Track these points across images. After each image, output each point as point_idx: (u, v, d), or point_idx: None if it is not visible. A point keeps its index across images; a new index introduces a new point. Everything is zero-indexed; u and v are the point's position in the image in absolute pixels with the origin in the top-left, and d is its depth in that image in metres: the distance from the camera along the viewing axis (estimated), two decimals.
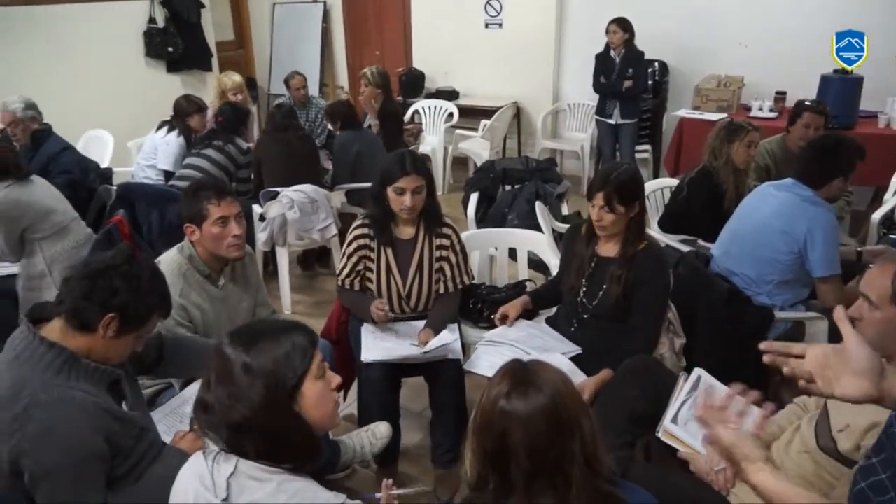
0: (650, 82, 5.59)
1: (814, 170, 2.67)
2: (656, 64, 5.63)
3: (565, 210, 3.88)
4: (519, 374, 1.20)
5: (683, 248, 3.20)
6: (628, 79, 5.14)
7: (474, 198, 3.90)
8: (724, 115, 4.94)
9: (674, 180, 3.87)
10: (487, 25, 6.43)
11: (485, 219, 3.84)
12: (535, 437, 1.14)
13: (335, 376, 1.34)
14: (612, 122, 5.37)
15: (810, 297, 2.76)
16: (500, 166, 4.00)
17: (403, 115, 5.37)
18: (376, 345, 2.44)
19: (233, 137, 4.04)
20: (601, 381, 2.20)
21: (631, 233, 2.35)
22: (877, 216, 3.54)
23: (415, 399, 2.95)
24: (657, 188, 3.86)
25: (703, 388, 1.99)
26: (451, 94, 6.46)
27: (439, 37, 6.66)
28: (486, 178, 3.97)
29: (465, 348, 2.62)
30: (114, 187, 3.78)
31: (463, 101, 6.42)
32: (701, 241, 3.31)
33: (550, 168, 4.05)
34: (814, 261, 2.59)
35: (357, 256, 2.59)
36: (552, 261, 2.96)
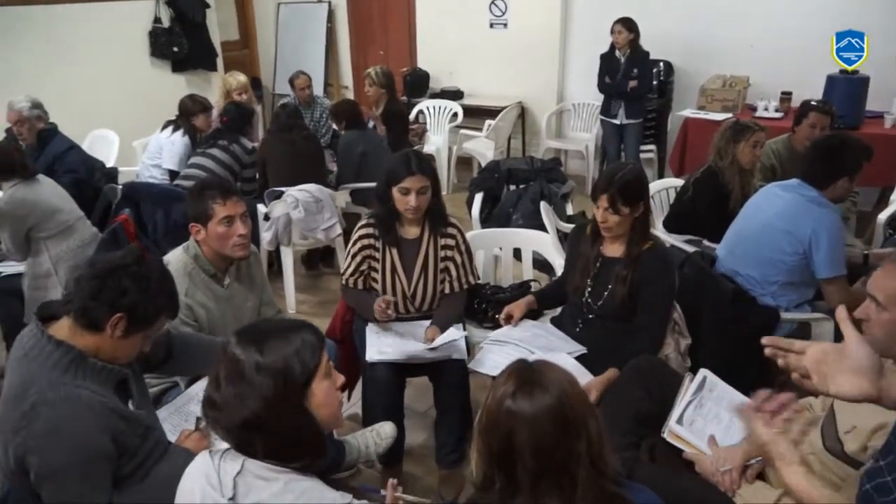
0: (655, 82, 5.57)
1: (818, 170, 2.66)
2: (661, 64, 5.61)
3: (570, 210, 3.88)
4: (525, 375, 1.20)
5: (688, 248, 3.19)
6: (633, 79, 5.13)
7: (479, 198, 3.90)
8: (729, 115, 4.93)
9: (678, 180, 3.87)
10: (492, 25, 6.42)
11: (489, 219, 3.84)
12: (541, 437, 1.14)
13: (340, 376, 1.35)
14: (616, 122, 5.36)
15: (816, 298, 2.75)
16: (504, 166, 4.00)
17: (408, 115, 5.37)
18: (381, 344, 2.44)
19: (238, 137, 4.05)
20: (607, 381, 2.19)
21: (636, 233, 2.35)
22: (883, 217, 3.52)
23: (419, 399, 2.95)
24: (662, 188, 3.85)
25: (707, 389, 1.99)
26: (455, 94, 6.46)
27: (444, 37, 6.66)
28: (490, 178, 3.97)
29: (470, 348, 2.62)
30: (119, 187, 3.80)
31: (467, 100, 6.41)
32: (706, 242, 3.29)
33: (555, 168, 4.05)
34: (818, 262, 2.57)
35: (361, 256, 2.59)
36: (557, 261, 2.96)
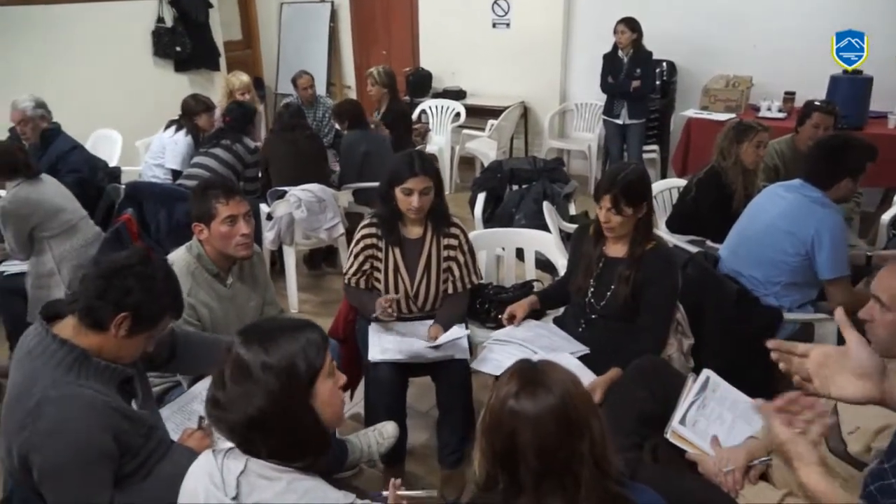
0: (658, 82, 5.57)
1: (822, 170, 2.65)
2: (664, 64, 5.60)
3: (573, 210, 3.88)
4: (528, 374, 1.20)
5: (691, 248, 3.19)
6: (636, 79, 5.12)
7: (481, 198, 3.90)
8: (732, 115, 4.93)
9: (681, 180, 3.86)
10: (495, 25, 6.42)
11: (492, 219, 3.84)
12: (545, 437, 1.13)
13: (341, 375, 1.35)
14: (619, 122, 5.36)
15: (819, 299, 2.74)
16: (507, 166, 4.00)
17: (411, 115, 5.37)
18: (384, 344, 2.44)
19: (240, 137, 4.05)
20: (611, 380, 2.19)
21: (639, 233, 2.34)
22: (886, 217, 3.51)
23: (421, 398, 2.95)
24: (665, 188, 3.85)
25: (711, 389, 1.99)
26: (458, 94, 6.46)
27: (447, 36, 6.66)
28: (493, 178, 3.97)
29: (473, 348, 2.61)
30: (122, 186, 3.81)
31: (470, 100, 6.41)
32: (709, 242, 3.29)
33: (558, 168, 4.05)
34: (821, 263, 2.56)
35: (364, 256, 2.59)
36: (559, 261, 2.96)
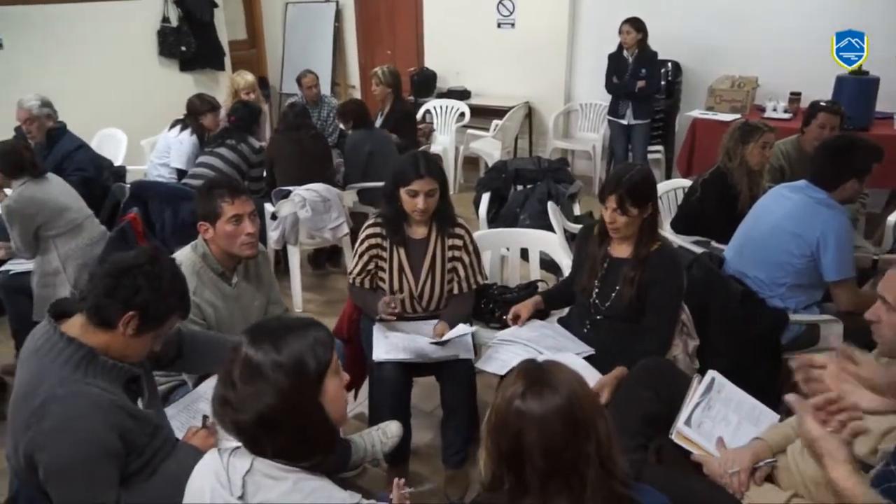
0: (663, 83, 5.55)
1: (826, 171, 2.64)
2: (669, 64, 5.59)
3: (577, 210, 3.88)
4: (534, 374, 1.20)
5: (697, 249, 3.18)
6: (641, 79, 5.12)
7: (486, 198, 3.90)
8: (737, 115, 4.91)
9: (686, 181, 3.85)
10: (500, 25, 6.41)
11: (496, 219, 3.84)
12: (551, 437, 1.13)
13: (345, 374, 1.36)
14: (624, 122, 5.35)
15: (825, 300, 2.73)
16: (511, 166, 3.99)
17: (416, 115, 5.37)
18: (388, 343, 2.44)
19: (245, 136, 4.06)
20: (618, 379, 2.19)
21: (644, 234, 2.33)
22: (892, 219, 3.49)
23: (426, 398, 2.95)
24: (670, 189, 3.84)
25: (716, 391, 1.98)
26: (462, 94, 6.46)
27: (451, 36, 6.65)
28: (497, 178, 3.97)
29: (477, 348, 2.62)
30: (127, 185, 3.82)
31: (475, 100, 6.41)
32: (714, 243, 3.28)
33: (562, 168, 4.04)
34: (826, 265, 2.55)
35: (369, 255, 2.59)
36: (564, 261, 2.95)
